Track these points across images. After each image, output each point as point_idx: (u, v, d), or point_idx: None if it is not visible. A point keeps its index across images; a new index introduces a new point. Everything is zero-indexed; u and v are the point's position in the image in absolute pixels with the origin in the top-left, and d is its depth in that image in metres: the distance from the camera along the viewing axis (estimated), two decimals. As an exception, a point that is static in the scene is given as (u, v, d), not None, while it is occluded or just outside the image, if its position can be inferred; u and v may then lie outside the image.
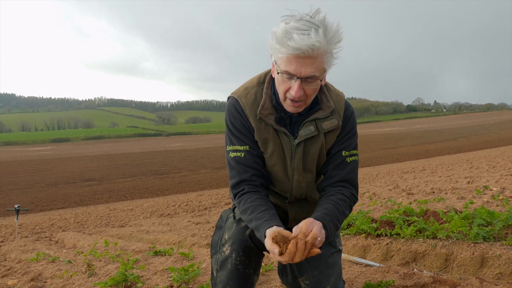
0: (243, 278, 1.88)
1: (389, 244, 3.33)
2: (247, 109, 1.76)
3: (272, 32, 1.58)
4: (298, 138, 1.76)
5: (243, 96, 1.78)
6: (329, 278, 1.93)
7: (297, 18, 1.54)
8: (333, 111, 1.77)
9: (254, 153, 1.79)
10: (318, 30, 1.50)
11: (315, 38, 1.49)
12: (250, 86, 1.80)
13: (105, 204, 24.68)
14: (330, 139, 1.81)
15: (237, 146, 1.78)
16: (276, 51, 1.59)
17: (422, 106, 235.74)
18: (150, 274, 3.34)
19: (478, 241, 2.84)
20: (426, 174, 16.53)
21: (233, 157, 1.79)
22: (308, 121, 1.75)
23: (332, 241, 2.04)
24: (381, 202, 7.20)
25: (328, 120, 1.77)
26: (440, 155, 41.27)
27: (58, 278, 3.70)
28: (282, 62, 1.59)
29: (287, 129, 1.76)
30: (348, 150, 1.83)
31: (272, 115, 1.74)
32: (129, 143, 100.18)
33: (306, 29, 1.50)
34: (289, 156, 1.79)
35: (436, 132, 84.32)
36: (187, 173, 40.73)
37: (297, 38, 1.48)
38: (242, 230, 1.84)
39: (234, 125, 1.78)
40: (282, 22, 1.56)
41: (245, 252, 1.84)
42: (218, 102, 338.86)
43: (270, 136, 1.77)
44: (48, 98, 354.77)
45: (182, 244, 6.46)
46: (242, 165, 1.78)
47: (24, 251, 8.14)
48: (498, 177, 9.57)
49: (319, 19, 1.54)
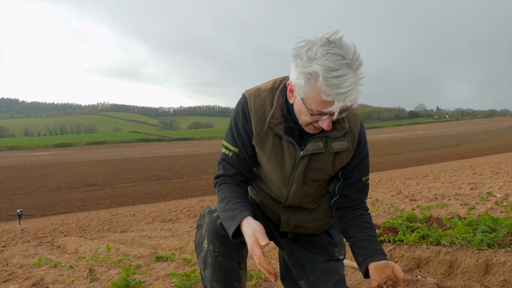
0: (226, 271, 1.84)
1: (392, 251, 3.31)
2: (252, 112, 1.74)
3: (299, 69, 1.48)
4: (304, 151, 1.73)
5: (253, 97, 1.76)
6: (326, 283, 1.95)
7: (322, 50, 1.43)
8: (346, 132, 1.74)
9: (242, 157, 1.80)
10: (351, 66, 1.43)
11: (351, 79, 1.42)
12: (263, 89, 1.78)
13: (107, 209, 24.67)
14: (341, 159, 1.79)
15: (229, 145, 1.81)
16: (303, 91, 1.51)
17: (425, 112, 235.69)
18: (152, 279, 3.33)
19: (482, 248, 2.82)
20: (429, 180, 16.47)
21: (223, 153, 1.83)
22: (318, 137, 1.72)
23: (329, 250, 2.06)
24: (384, 208, 7.16)
25: (339, 141, 1.73)
26: (443, 161, 41.13)
27: (60, 283, 3.69)
28: (313, 101, 1.51)
29: (294, 140, 1.74)
30: (366, 174, 1.89)
31: (281, 125, 1.71)
32: (132, 148, 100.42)
33: (339, 68, 1.41)
34: (291, 166, 1.77)
35: (439, 138, 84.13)
36: (189, 178, 40.72)
37: (337, 86, 1.41)
38: (214, 220, 1.83)
39: (236, 123, 1.79)
40: (308, 57, 1.45)
41: (222, 242, 1.81)
42: (220, 108, 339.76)
43: (270, 143, 1.75)
44: (51, 103, 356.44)
45: (184, 249, 6.44)
46: (227, 163, 1.82)
47: (26, 256, 8.13)
48: (502, 183, 9.53)
49: (339, 43, 1.45)
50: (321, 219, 2.00)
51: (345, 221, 1.88)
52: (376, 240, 1.80)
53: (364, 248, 1.77)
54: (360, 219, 1.85)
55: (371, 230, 1.83)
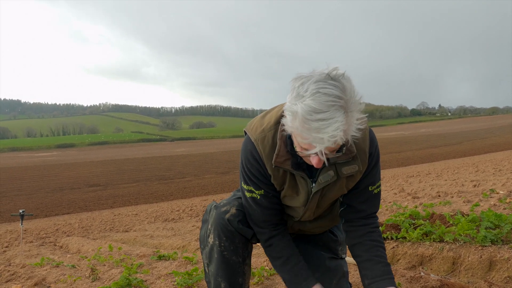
0: (232, 266, 1.84)
1: (395, 248, 3.29)
2: (264, 157, 1.69)
3: (287, 104, 1.42)
4: (317, 185, 1.69)
5: (260, 141, 1.68)
6: (331, 281, 1.94)
7: (313, 87, 1.34)
8: (355, 156, 1.67)
9: (269, 195, 1.77)
10: (344, 108, 1.33)
11: (337, 124, 1.32)
12: (267, 128, 1.68)
13: (110, 209, 24.70)
14: (354, 179, 1.75)
15: (253, 188, 1.76)
16: (289, 126, 1.44)
17: (427, 110, 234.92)
18: (154, 278, 3.32)
19: (486, 244, 2.80)
20: (431, 177, 16.42)
21: (250, 197, 1.79)
22: (327, 166, 1.64)
23: (333, 249, 2.05)
24: (386, 206, 7.13)
25: (348, 165, 1.67)
26: (445, 159, 41.00)
27: (62, 282, 3.69)
28: (300, 140, 1.44)
29: (305, 173, 1.69)
30: (374, 184, 1.80)
31: (288, 160, 1.65)
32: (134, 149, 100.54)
33: (326, 110, 1.31)
34: (304, 198, 1.75)
35: (441, 136, 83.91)
36: (192, 178, 40.72)
37: (318, 129, 1.33)
38: (221, 215, 1.82)
39: (250, 171, 1.74)
40: (297, 93, 1.37)
41: (228, 237, 1.81)
42: (222, 107, 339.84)
43: (287, 179, 1.73)
44: (53, 104, 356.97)
45: (186, 248, 6.43)
46: (259, 206, 1.79)
47: (29, 256, 8.15)
48: (505, 180, 9.48)
49: (341, 80, 1.35)
50: (326, 225, 2.01)
51: (352, 238, 1.82)
52: (383, 260, 1.73)
53: (370, 270, 1.72)
54: (367, 237, 1.77)
55: (379, 249, 1.76)
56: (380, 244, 1.79)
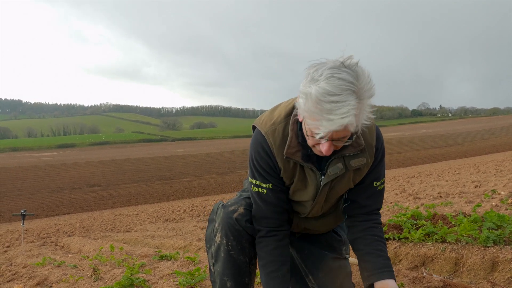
0: (238, 266, 1.84)
1: (397, 248, 3.29)
2: (274, 150, 1.70)
3: (301, 88, 1.45)
4: (326, 177, 1.71)
5: (271, 134, 1.70)
6: (334, 281, 1.95)
7: (328, 72, 1.38)
8: (363, 149, 1.69)
9: (277, 189, 1.78)
10: (357, 94, 1.37)
11: (349, 107, 1.35)
12: (277, 121, 1.71)
13: (111, 209, 24.70)
14: (361, 173, 1.77)
15: (260, 182, 1.77)
16: (302, 110, 1.47)
17: (428, 111, 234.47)
18: (156, 278, 3.32)
19: (488, 245, 2.80)
20: (432, 178, 16.41)
21: (256, 192, 1.79)
22: (336, 158, 1.68)
23: (337, 248, 2.06)
24: (388, 207, 7.13)
25: (357, 158, 1.70)
26: (446, 159, 40.96)
27: (64, 282, 3.69)
28: (308, 123, 1.47)
29: (314, 166, 1.71)
30: (379, 180, 1.82)
31: (298, 152, 1.67)
32: (135, 149, 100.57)
33: (339, 93, 1.35)
34: (313, 191, 1.76)
35: (442, 136, 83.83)
36: (192, 178, 40.72)
37: (330, 111, 1.36)
38: (229, 214, 1.83)
39: (259, 164, 1.74)
40: (312, 77, 1.41)
41: (236, 236, 1.81)
42: (222, 108, 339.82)
43: (296, 172, 1.74)
44: (53, 104, 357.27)
45: (188, 248, 6.44)
46: (264, 202, 1.79)
47: (30, 256, 8.15)
48: (506, 181, 9.47)
49: (354, 68, 1.39)
50: (330, 223, 2.01)
51: (354, 233, 1.83)
52: (383, 254, 1.75)
53: (370, 262, 1.73)
54: (369, 231, 1.80)
55: (380, 243, 1.78)
56: (381, 239, 1.81)
